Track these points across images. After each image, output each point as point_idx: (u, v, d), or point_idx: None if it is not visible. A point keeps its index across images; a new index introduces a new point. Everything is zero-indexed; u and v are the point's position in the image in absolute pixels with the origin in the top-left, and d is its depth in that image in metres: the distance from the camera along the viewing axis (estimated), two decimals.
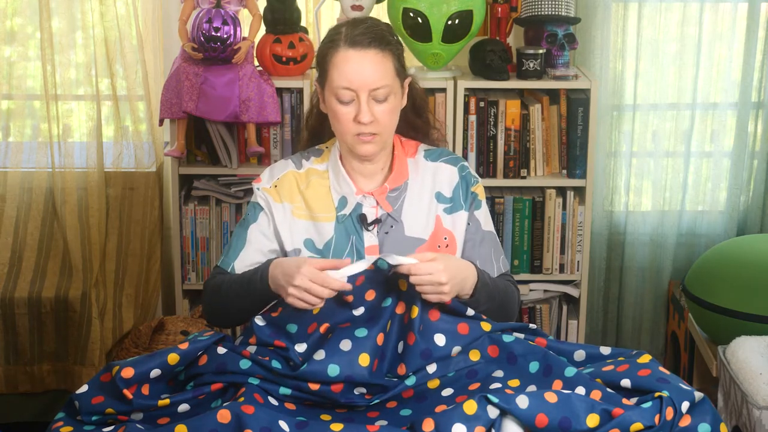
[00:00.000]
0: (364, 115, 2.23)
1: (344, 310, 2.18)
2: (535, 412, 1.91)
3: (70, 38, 3.50)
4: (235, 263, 2.36)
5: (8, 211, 3.53)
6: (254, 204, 2.40)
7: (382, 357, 2.13)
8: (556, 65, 3.34)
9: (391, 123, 2.29)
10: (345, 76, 2.23)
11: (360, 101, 2.23)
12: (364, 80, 2.22)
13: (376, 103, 2.25)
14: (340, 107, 2.25)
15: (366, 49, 2.23)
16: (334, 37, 2.27)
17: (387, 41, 2.26)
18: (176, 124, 3.25)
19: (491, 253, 2.41)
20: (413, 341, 2.13)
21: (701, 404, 2.01)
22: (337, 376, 2.06)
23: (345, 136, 2.28)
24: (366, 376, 2.07)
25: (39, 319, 3.44)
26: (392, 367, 2.14)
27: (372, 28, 2.26)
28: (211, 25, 3.12)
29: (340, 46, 2.24)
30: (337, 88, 2.24)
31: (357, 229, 2.34)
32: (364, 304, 2.18)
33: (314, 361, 2.08)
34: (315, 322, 2.17)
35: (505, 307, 2.37)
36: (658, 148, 3.69)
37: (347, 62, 2.23)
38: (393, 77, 2.27)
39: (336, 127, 2.30)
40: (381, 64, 2.24)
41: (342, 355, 2.09)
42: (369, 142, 2.27)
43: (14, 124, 3.57)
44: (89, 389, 2.10)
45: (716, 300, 3.07)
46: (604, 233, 3.73)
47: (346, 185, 2.36)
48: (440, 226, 2.37)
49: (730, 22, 3.60)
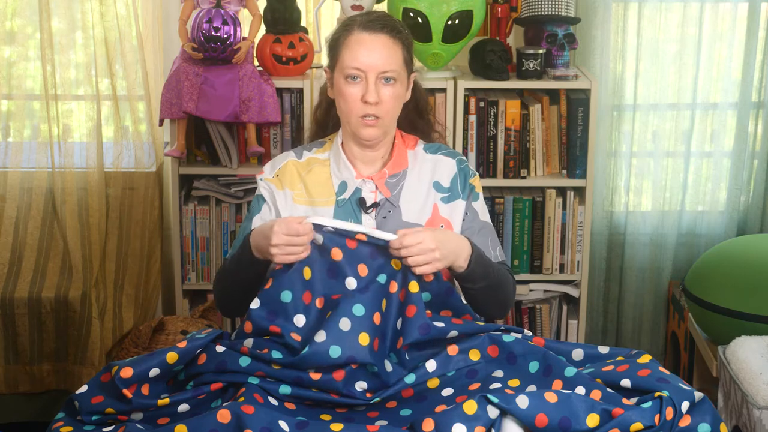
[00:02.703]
0: (370, 94, 2.30)
1: (337, 282, 2.20)
2: (535, 412, 1.91)
3: (69, 38, 3.50)
4: None
5: (8, 211, 3.53)
6: (258, 196, 2.47)
7: (383, 337, 2.14)
8: (556, 65, 3.34)
9: (394, 109, 2.37)
10: (356, 56, 2.32)
11: (368, 82, 2.31)
12: (374, 62, 2.31)
13: (383, 86, 2.33)
14: (348, 87, 2.33)
15: (378, 33, 2.33)
16: (348, 23, 2.38)
17: (398, 30, 2.37)
18: (176, 124, 3.25)
19: (488, 242, 2.45)
20: (413, 313, 2.15)
21: (701, 404, 2.01)
22: (339, 356, 2.07)
23: (350, 116, 2.35)
24: (368, 356, 2.08)
25: (39, 319, 3.44)
26: (393, 344, 2.15)
27: (385, 17, 2.39)
28: (211, 25, 3.12)
29: (353, 30, 2.35)
30: (347, 68, 2.33)
31: (356, 213, 2.39)
32: (356, 277, 2.20)
33: (315, 343, 2.09)
34: (308, 291, 2.18)
35: (501, 288, 2.39)
36: (658, 148, 3.69)
37: (359, 43, 2.33)
38: (401, 65, 2.36)
39: (342, 108, 2.37)
40: (391, 49, 2.34)
41: (342, 335, 2.10)
42: (372, 125, 2.34)
43: (14, 124, 3.57)
44: (89, 389, 2.10)
45: (716, 300, 3.07)
46: (604, 233, 3.73)
47: (346, 170, 2.42)
48: (437, 214, 2.42)
49: (730, 22, 3.60)
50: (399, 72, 2.34)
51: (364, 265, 2.21)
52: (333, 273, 2.21)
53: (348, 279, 2.20)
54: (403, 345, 2.14)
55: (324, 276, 2.21)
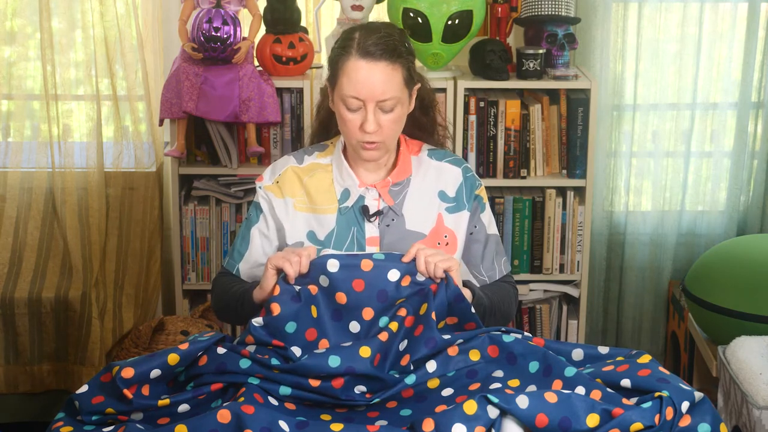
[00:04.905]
0: (369, 125, 2.26)
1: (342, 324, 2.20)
2: (535, 412, 1.91)
3: (69, 38, 3.50)
4: (240, 265, 2.43)
5: (8, 211, 3.53)
6: (256, 204, 2.44)
7: (385, 355, 2.13)
8: (556, 65, 3.34)
9: (395, 131, 2.33)
10: (354, 85, 2.26)
11: (367, 110, 2.27)
12: (372, 91, 2.25)
13: (383, 114, 2.28)
14: (347, 113, 2.29)
15: (377, 61, 2.25)
16: (347, 42, 2.29)
17: (398, 53, 2.28)
18: (176, 124, 3.25)
19: (494, 256, 2.45)
20: (421, 331, 2.15)
21: (701, 404, 2.01)
22: (338, 366, 2.06)
23: (350, 140, 2.33)
24: (368, 367, 2.07)
25: (39, 319, 3.44)
26: (395, 364, 2.15)
27: (385, 39, 2.27)
28: (211, 25, 3.12)
29: (351, 55, 2.27)
30: (345, 96, 2.28)
31: (359, 221, 2.38)
32: (360, 321, 2.20)
33: (315, 354, 2.09)
34: (314, 328, 2.18)
35: (501, 312, 2.41)
36: (658, 148, 3.69)
37: (357, 72, 2.26)
38: (401, 89, 2.30)
39: (342, 129, 2.35)
40: (390, 77, 2.26)
41: (343, 348, 2.10)
42: (372, 149, 2.31)
43: (14, 124, 3.57)
44: (89, 389, 2.10)
45: (716, 300, 3.07)
46: (604, 233, 3.73)
47: (349, 178, 2.39)
48: (441, 224, 2.40)
49: (730, 22, 3.60)
50: (399, 97, 2.28)
51: (370, 309, 2.20)
52: (338, 316, 2.21)
53: (352, 323, 2.20)
54: (410, 361, 2.14)
55: (329, 318, 2.20)
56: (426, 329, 2.15)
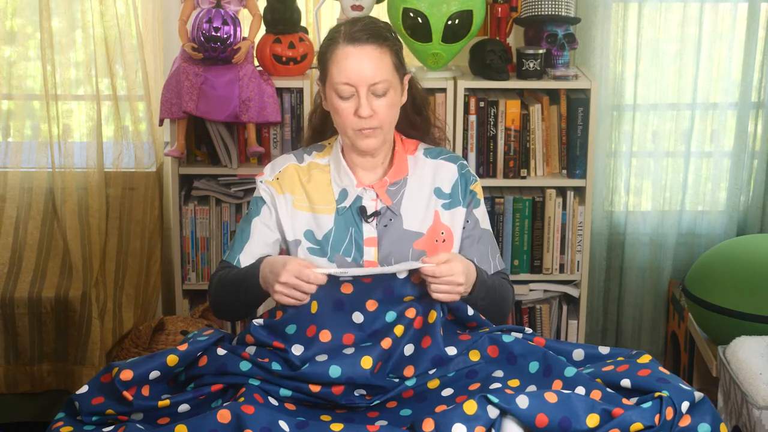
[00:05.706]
0: (363, 109, 2.27)
1: (343, 315, 2.19)
2: (535, 412, 1.91)
3: (69, 38, 3.50)
4: (241, 256, 2.40)
5: (8, 211, 3.53)
6: (257, 198, 2.44)
7: (387, 360, 2.13)
8: (556, 65, 3.34)
9: (390, 117, 2.34)
10: (344, 71, 2.28)
11: (360, 96, 2.28)
12: (363, 75, 2.27)
13: (376, 98, 2.29)
14: (340, 102, 2.30)
15: (364, 44, 2.28)
16: (334, 35, 2.33)
17: (384, 37, 2.32)
18: (176, 124, 3.25)
19: (488, 250, 2.44)
20: (428, 345, 2.14)
21: (701, 404, 2.01)
22: (339, 377, 2.07)
23: (346, 130, 2.33)
24: (368, 377, 2.08)
25: (39, 319, 3.44)
26: (397, 369, 2.15)
27: (369, 25, 2.32)
28: (211, 25, 3.12)
29: (339, 43, 2.30)
30: (337, 84, 2.29)
31: (356, 221, 2.38)
32: (363, 312, 2.19)
33: (316, 363, 2.09)
34: (314, 325, 2.17)
35: (500, 304, 2.39)
36: (658, 148, 3.69)
37: (346, 58, 2.28)
38: (392, 72, 2.31)
39: (338, 122, 2.35)
40: (379, 60, 2.29)
41: (344, 357, 2.10)
42: (370, 136, 2.32)
43: (14, 124, 3.57)
44: (89, 390, 2.10)
45: (716, 300, 3.07)
46: (604, 233, 3.73)
47: (346, 178, 2.39)
48: (438, 221, 2.40)
49: (730, 22, 3.60)
50: (390, 80, 2.30)
51: (374, 300, 2.20)
52: (339, 306, 2.20)
53: (355, 313, 2.20)
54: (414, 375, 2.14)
55: (329, 309, 2.19)
56: (433, 345, 2.15)
